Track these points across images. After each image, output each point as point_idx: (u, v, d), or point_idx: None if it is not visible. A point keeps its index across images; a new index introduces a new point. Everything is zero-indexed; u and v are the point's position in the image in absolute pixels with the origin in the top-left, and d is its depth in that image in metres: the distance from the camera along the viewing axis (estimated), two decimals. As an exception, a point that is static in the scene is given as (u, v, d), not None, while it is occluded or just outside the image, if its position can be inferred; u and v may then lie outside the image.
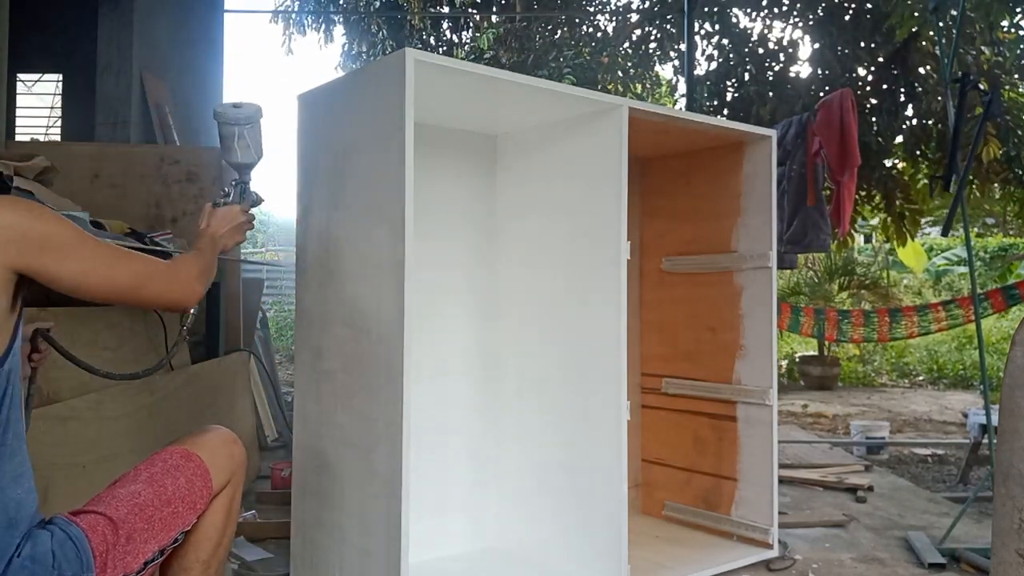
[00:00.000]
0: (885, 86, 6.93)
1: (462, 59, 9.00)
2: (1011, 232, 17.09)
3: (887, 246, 11.78)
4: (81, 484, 2.50)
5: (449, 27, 11.08)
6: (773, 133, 3.08)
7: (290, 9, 10.97)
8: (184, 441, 1.70)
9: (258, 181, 2.07)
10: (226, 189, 1.96)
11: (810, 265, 10.57)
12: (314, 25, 10.87)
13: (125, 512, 1.48)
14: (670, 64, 9.30)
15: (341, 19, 10.76)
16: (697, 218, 3.25)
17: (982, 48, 6.62)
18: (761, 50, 7.46)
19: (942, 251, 15.14)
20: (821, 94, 6.19)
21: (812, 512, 3.55)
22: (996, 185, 7.06)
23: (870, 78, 7.07)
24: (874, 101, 6.91)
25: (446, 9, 10.70)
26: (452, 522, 2.91)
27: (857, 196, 6.10)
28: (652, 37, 9.32)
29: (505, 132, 3.02)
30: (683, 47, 7.32)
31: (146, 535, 1.50)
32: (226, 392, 3.68)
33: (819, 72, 7.07)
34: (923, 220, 8.23)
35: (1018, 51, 6.78)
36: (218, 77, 7.26)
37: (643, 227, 3.45)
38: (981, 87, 3.37)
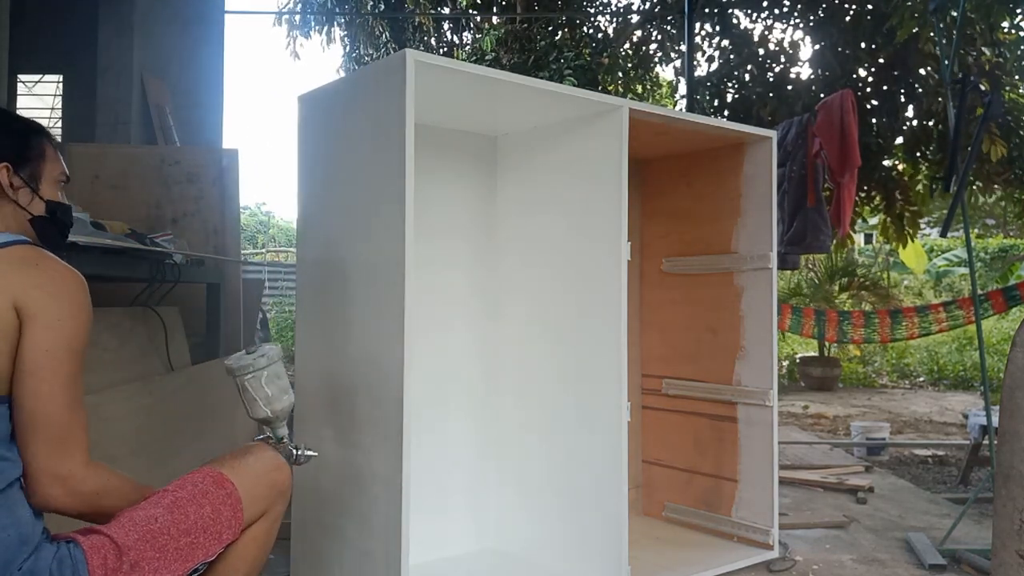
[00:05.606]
0: (885, 87, 6.93)
1: (463, 60, 8.99)
2: (1011, 233, 17.11)
3: (887, 247, 11.78)
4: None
5: (450, 28, 11.08)
6: (773, 134, 3.08)
7: (291, 10, 10.96)
8: (223, 463, 1.57)
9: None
10: None
11: (811, 266, 10.58)
12: (317, 27, 10.87)
13: (135, 538, 1.40)
14: (671, 65, 9.32)
15: (344, 20, 10.75)
16: (697, 219, 3.25)
17: (983, 49, 6.62)
18: (762, 51, 7.45)
19: (943, 252, 15.16)
20: (822, 95, 6.19)
21: (812, 513, 3.54)
22: (997, 186, 7.05)
23: (870, 79, 7.07)
24: (874, 102, 6.91)
25: (446, 10, 10.70)
26: (452, 523, 2.91)
27: (857, 197, 6.09)
28: (653, 38, 9.34)
29: (505, 133, 3.02)
30: (683, 48, 7.33)
31: (156, 564, 1.41)
32: (226, 393, 3.68)
33: (819, 73, 7.07)
34: (923, 221, 8.22)
35: (1019, 52, 6.78)
36: (218, 77, 7.25)
37: (643, 228, 3.45)
38: (982, 88, 3.37)
